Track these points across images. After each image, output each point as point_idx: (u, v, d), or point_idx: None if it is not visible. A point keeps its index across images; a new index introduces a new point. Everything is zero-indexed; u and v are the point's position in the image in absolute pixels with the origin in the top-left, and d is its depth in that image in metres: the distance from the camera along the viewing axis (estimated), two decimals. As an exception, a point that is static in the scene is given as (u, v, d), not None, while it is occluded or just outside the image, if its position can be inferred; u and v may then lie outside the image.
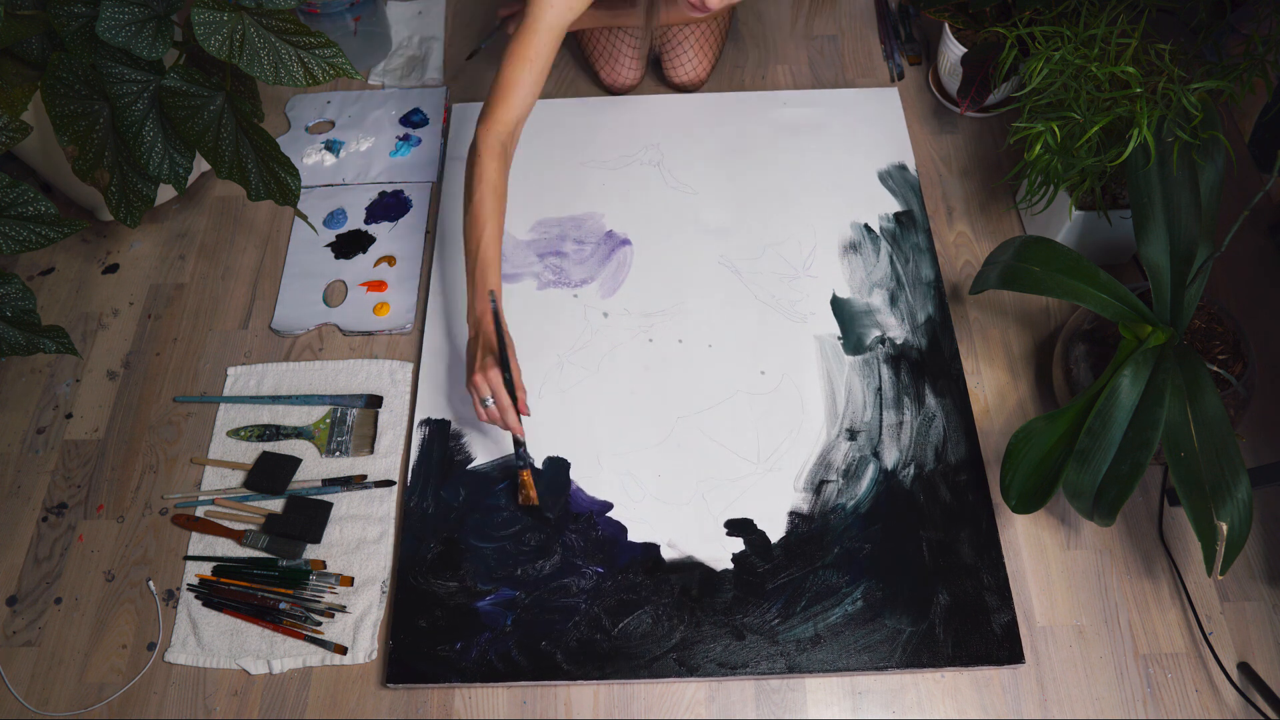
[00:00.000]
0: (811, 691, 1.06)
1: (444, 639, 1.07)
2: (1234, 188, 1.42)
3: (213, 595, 1.12)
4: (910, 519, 1.14)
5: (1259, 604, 1.11)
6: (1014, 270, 1.13)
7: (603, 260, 1.37)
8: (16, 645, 1.10)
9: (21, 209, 1.04)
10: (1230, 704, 1.05)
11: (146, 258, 1.40)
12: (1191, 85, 1.05)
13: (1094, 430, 1.00)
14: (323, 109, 1.56)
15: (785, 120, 1.51)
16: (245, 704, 1.06)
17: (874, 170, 1.45)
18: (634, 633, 1.07)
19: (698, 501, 1.16)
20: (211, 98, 1.14)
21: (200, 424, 1.25)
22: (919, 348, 1.27)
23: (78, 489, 1.20)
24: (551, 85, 1.59)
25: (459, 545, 1.13)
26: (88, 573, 1.14)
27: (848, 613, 1.08)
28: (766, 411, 1.23)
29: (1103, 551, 1.14)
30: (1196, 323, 1.14)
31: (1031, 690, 1.06)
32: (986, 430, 1.22)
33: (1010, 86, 1.45)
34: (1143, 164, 1.08)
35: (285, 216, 1.44)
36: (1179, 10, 1.19)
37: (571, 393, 1.25)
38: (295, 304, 1.35)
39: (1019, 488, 1.03)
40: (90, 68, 1.10)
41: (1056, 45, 1.13)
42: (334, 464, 1.21)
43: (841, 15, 1.69)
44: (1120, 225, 1.24)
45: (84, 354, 1.31)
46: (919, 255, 1.36)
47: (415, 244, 1.40)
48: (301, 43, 1.08)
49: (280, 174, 1.18)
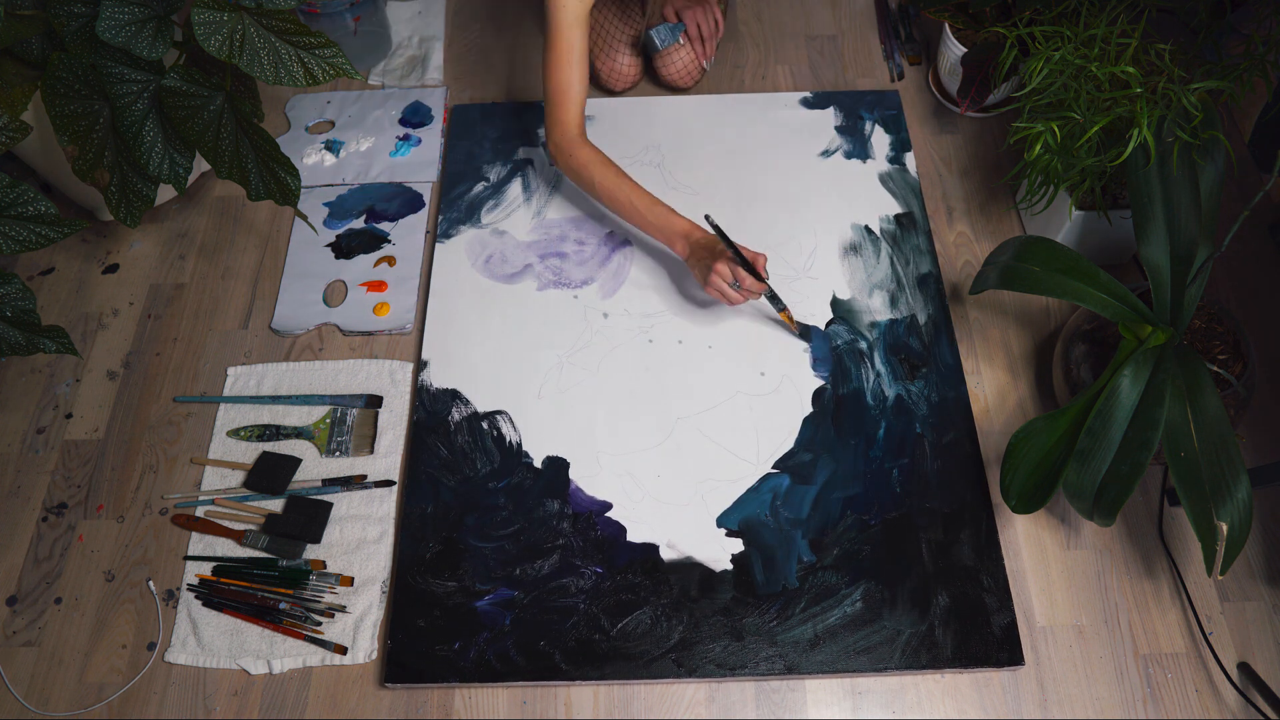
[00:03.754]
0: (811, 692, 1.06)
1: (443, 639, 1.07)
2: (1234, 188, 1.42)
3: (213, 595, 1.12)
4: (910, 520, 1.14)
5: (1259, 604, 1.11)
6: (1014, 270, 1.12)
7: (603, 261, 1.37)
8: (16, 645, 1.10)
9: (21, 209, 1.04)
10: (1230, 704, 1.05)
11: (146, 258, 1.40)
12: (1191, 85, 1.05)
13: (1094, 430, 1.00)
14: (323, 109, 1.56)
15: (785, 121, 1.51)
16: (245, 704, 1.06)
17: (874, 171, 1.45)
18: (633, 633, 1.07)
19: (697, 502, 1.16)
20: (211, 98, 1.14)
21: (200, 424, 1.25)
22: (919, 348, 1.27)
23: (78, 489, 1.20)
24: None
25: (458, 545, 1.13)
26: (88, 573, 1.14)
27: (847, 614, 1.08)
28: (766, 413, 1.22)
29: (1103, 551, 1.14)
30: (1196, 323, 1.14)
31: (1031, 690, 1.06)
32: (986, 430, 1.22)
33: (1010, 86, 1.45)
34: (1143, 164, 1.08)
35: (285, 216, 1.44)
36: (1179, 10, 1.19)
37: (571, 393, 1.25)
38: (295, 304, 1.35)
39: (1019, 488, 1.03)
40: (90, 68, 1.10)
41: (1056, 45, 1.13)
42: (334, 464, 1.21)
43: (841, 15, 1.69)
44: (1120, 225, 1.24)
45: (84, 354, 1.31)
46: (919, 256, 1.36)
47: (415, 244, 1.40)
48: (301, 43, 1.08)
49: (280, 174, 1.18)
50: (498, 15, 1.70)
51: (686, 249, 1.21)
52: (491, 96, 1.58)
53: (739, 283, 1.16)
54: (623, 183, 1.24)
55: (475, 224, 1.41)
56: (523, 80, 1.60)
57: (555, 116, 1.26)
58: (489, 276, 1.36)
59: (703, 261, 1.19)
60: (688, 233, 1.21)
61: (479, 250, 1.38)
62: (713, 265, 1.16)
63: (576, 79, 1.24)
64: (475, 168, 1.47)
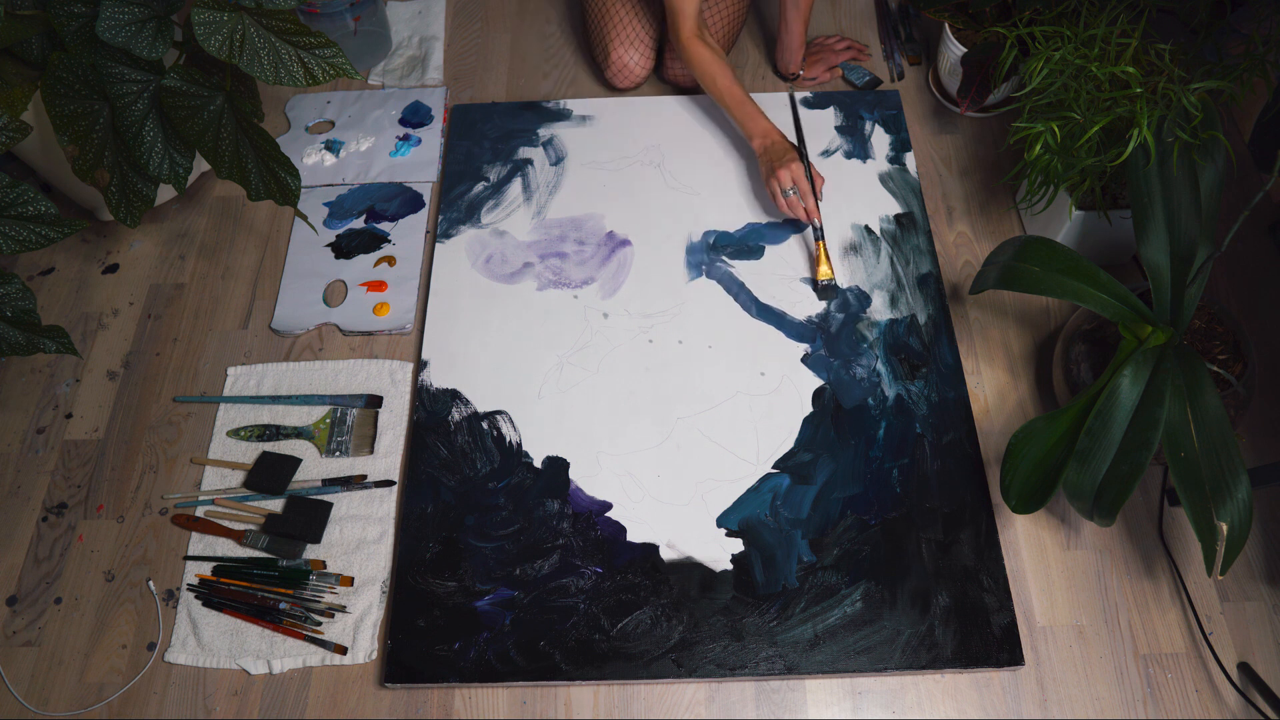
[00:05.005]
0: (811, 692, 1.06)
1: (443, 639, 1.07)
2: (1234, 188, 1.42)
3: (213, 595, 1.12)
4: (910, 520, 1.14)
5: (1259, 604, 1.11)
6: (1014, 270, 1.12)
7: (603, 261, 1.37)
8: (16, 645, 1.10)
9: (21, 209, 1.04)
10: (1230, 704, 1.05)
11: (146, 258, 1.40)
12: (1191, 85, 1.05)
13: (1094, 430, 0.99)
14: (323, 109, 1.56)
15: (786, 121, 1.51)
16: (245, 704, 1.06)
17: (874, 171, 1.45)
18: (633, 633, 1.07)
19: (697, 502, 1.16)
20: (211, 98, 1.14)
21: (200, 424, 1.25)
22: (919, 348, 1.27)
23: (78, 489, 1.20)
24: (551, 85, 1.60)
25: (458, 545, 1.13)
26: (88, 573, 1.14)
27: (847, 614, 1.08)
28: (766, 412, 1.22)
29: (1103, 551, 1.14)
30: (1196, 323, 1.14)
31: (1031, 690, 1.06)
32: (986, 430, 1.22)
33: (1010, 86, 1.45)
34: (1143, 164, 1.08)
35: (285, 216, 1.44)
36: (1179, 10, 1.19)
37: (571, 393, 1.25)
38: (295, 304, 1.35)
39: (1019, 488, 1.03)
40: (90, 68, 1.10)
41: (1056, 45, 1.13)
42: (334, 464, 1.21)
43: (841, 15, 1.69)
44: (1120, 225, 1.24)
45: (84, 354, 1.31)
46: (919, 256, 1.36)
47: (415, 244, 1.40)
48: (301, 43, 1.08)
49: (280, 174, 1.18)
50: (498, 15, 1.70)
51: (761, 146, 1.34)
52: (491, 96, 1.58)
53: (799, 188, 1.29)
54: (721, 78, 1.38)
55: (475, 224, 1.41)
56: (523, 80, 1.61)
57: (678, 17, 1.39)
58: (489, 276, 1.36)
59: (770, 162, 1.31)
60: (766, 132, 1.35)
61: (479, 250, 1.38)
62: (777, 168, 1.29)
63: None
64: (475, 168, 1.47)
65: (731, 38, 1.56)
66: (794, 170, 1.29)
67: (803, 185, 1.29)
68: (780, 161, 1.30)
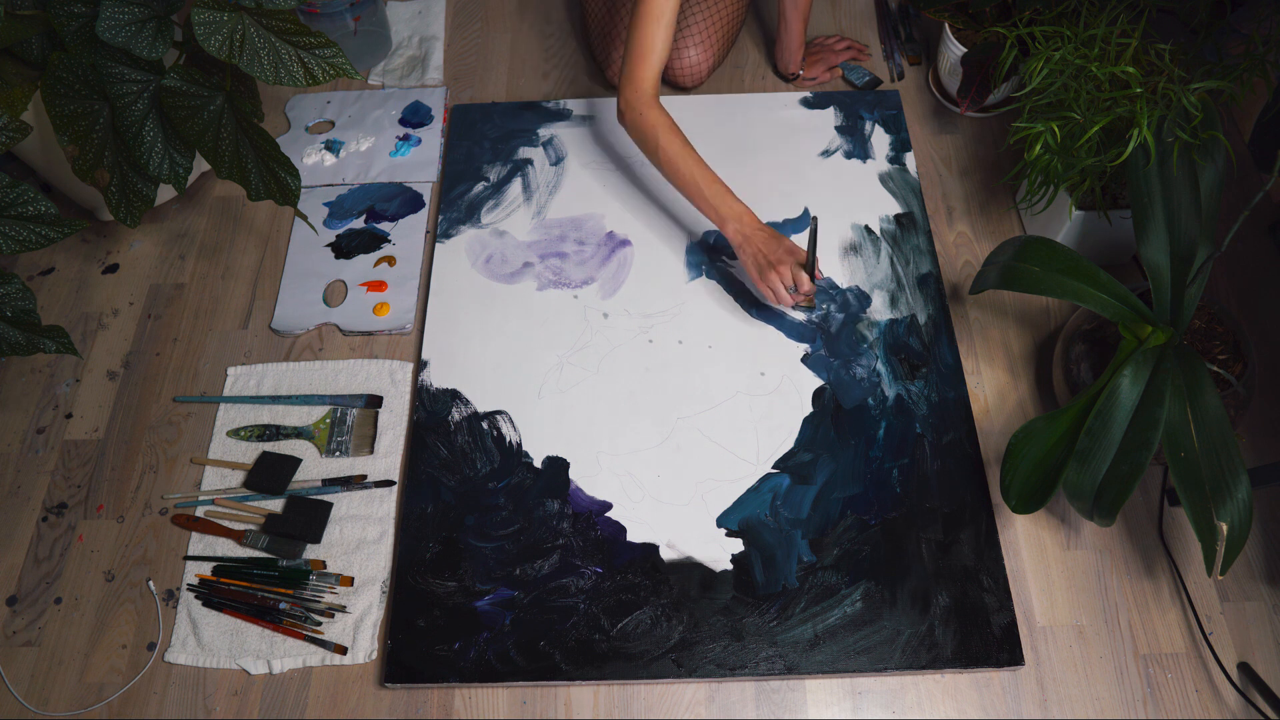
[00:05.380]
0: (811, 692, 1.06)
1: (443, 639, 1.07)
2: (1234, 188, 1.42)
3: (213, 595, 1.12)
4: (909, 520, 1.14)
5: (1259, 604, 1.11)
6: (1014, 270, 1.12)
7: (603, 261, 1.37)
8: (16, 645, 1.10)
9: (21, 209, 1.04)
10: (1230, 704, 1.05)
11: (146, 258, 1.40)
12: (1191, 85, 1.05)
13: (1094, 430, 1.00)
14: (323, 109, 1.56)
15: (786, 121, 1.51)
16: (245, 704, 1.06)
17: (874, 171, 1.45)
18: (633, 633, 1.07)
19: (697, 502, 1.16)
20: (211, 98, 1.14)
21: (200, 424, 1.25)
22: (919, 348, 1.27)
23: (78, 489, 1.20)
24: (551, 85, 1.60)
25: (458, 545, 1.13)
26: (88, 573, 1.14)
27: (847, 614, 1.08)
28: (766, 412, 1.22)
29: (1103, 551, 1.14)
30: (1196, 323, 1.14)
31: (1031, 690, 1.06)
32: (986, 430, 1.22)
33: (1010, 86, 1.45)
34: (1143, 164, 1.08)
35: (285, 216, 1.44)
36: (1179, 10, 1.19)
37: (571, 393, 1.25)
38: (295, 304, 1.35)
39: (1019, 488, 1.03)
40: (90, 68, 1.10)
41: (1056, 45, 1.13)
42: (334, 464, 1.21)
43: (841, 15, 1.69)
44: (1120, 225, 1.24)
45: (84, 354, 1.31)
46: (919, 256, 1.36)
47: (415, 244, 1.40)
48: (301, 43, 1.08)
49: (280, 174, 1.18)
50: (498, 15, 1.70)
51: (738, 234, 1.21)
52: (491, 96, 1.58)
53: (797, 287, 1.18)
54: (687, 154, 1.24)
55: (475, 224, 1.41)
56: (523, 80, 1.60)
57: (632, 73, 1.25)
58: (489, 276, 1.36)
59: (758, 255, 1.20)
60: (740, 216, 1.21)
61: (479, 250, 1.38)
62: (775, 265, 1.18)
63: (660, 40, 1.23)
64: (475, 168, 1.47)
65: (731, 38, 1.56)
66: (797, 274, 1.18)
67: (802, 278, 1.18)
68: (772, 253, 1.19)
